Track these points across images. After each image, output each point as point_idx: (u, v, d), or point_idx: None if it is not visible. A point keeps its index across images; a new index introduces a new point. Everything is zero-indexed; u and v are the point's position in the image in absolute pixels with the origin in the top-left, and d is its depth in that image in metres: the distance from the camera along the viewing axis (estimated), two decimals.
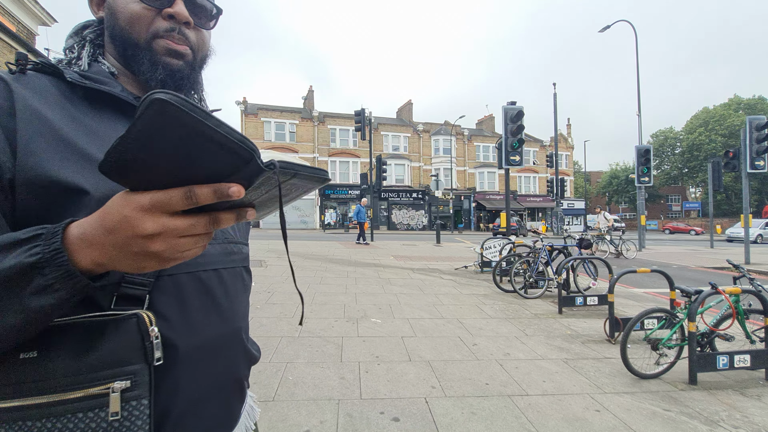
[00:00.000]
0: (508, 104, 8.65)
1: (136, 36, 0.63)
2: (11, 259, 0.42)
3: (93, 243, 0.42)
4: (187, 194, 0.39)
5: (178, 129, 0.34)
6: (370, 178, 17.76)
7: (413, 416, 2.45)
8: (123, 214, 0.40)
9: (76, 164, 0.53)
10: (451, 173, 33.27)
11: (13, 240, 0.43)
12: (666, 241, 23.31)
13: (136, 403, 0.49)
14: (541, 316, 4.96)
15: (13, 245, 0.43)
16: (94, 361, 0.48)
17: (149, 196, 0.39)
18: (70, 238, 0.43)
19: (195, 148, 0.36)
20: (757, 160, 10.15)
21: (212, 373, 0.62)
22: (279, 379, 2.89)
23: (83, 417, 0.46)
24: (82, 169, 0.53)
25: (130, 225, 0.39)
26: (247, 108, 30.67)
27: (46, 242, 0.42)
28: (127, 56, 0.64)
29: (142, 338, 0.51)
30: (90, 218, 0.43)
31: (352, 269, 8.26)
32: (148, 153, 0.35)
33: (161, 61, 0.63)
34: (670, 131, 50.10)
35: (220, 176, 0.39)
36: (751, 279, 3.40)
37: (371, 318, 4.61)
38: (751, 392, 2.94)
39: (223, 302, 0.65)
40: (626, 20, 17.13)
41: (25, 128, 0.51)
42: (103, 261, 0.43)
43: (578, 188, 46.61)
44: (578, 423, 2.43)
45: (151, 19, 0.62)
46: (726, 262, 4.86)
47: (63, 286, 0.42)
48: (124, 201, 0.40)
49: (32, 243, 0.43)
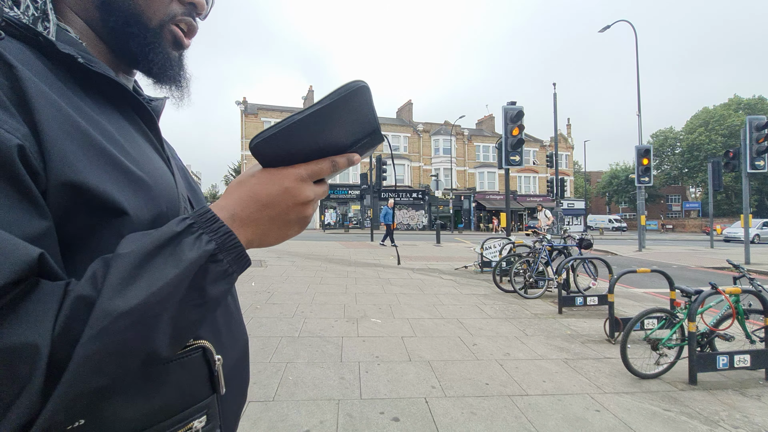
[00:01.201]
0: (508, 104, 8.65)
1: (151, 15, 0.51)
2: (191, 252, 0.39)
3: (247, 221, 0.44)
4: (332, 164, 0.46)
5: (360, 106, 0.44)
6: (370, 178, 17.75)
7: (413, 416, 2.45)
8: (284, 186, 0.44)
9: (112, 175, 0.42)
10: (451, 173, 33.29)
11: (171, 233, 0.40)
12: (666, 241, 23.31)
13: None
14: (541, 316, 4.96)
15: (174, 238, 0.39)
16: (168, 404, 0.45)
17: (304, 168, 0.45)
18: (225, 220, 0.43)
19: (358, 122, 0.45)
20: (757, 160, 10.16)
21: (241, 384, 0.61)
22: (279, 379, 2.89)
23: None
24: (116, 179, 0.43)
25: (292, 195, 0.44)
26: (247, 108, 30.68)
27: (209, 229, 0.41)
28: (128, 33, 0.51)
29: (209, 369, 0.49)
30: (232, 199, 0.44)
31: (352, 269, 8.26)
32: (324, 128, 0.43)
33: (164, 51, 0.54)
34: (670, 131, 50.10)
35: (348, 147, 0.47)
36: (751, 279, 3.40)
37: (371, 318, 4.61)
38: (751, 392, 2.94)
39: (235, 313, 0.62)
40: (626, 20, 17.13)
41: (50, 123, 0.39)
42: (255, 237, 0.45)
43: (578, 188, 46.64)
44: (578, 423, 2.43)
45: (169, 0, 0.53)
46: (726, 262, 4.86)
47: (236, 268, 0.43)
48: (281, 175, 0.44)
49: (195, 232, 0.40)
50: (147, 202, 0.44)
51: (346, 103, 0.42)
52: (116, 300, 0.35)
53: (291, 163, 0.45)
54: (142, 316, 0.36)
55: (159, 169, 0.50)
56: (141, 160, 0.47)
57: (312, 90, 35.02)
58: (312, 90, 35.02)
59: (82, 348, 0.33)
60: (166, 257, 0.38)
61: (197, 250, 0.39)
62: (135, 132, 0.51)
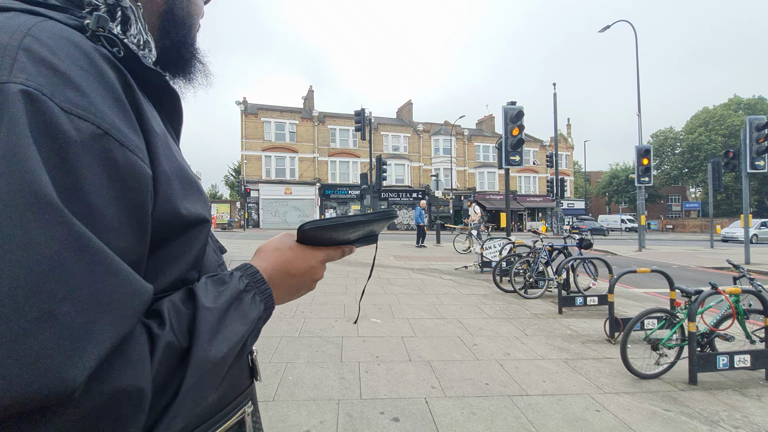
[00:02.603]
0: (508, 104, 8.65)
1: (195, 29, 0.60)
2: (254, 312, 0.47)
3: (277, 285, 0.52)
4: (342, 252, 0.59)
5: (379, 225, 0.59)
6: (370, 178, 17.75)
7: (413, 416, 2.45)
8: (311, 264, 0.55)
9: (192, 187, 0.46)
10: (451, 173, 33.29)
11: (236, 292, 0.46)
12: (666, 241, 23.32)
13: (255, 417, 0.58)
14: (541, 316, 4.96)
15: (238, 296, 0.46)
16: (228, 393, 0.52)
17: (325, 253, 0.57)
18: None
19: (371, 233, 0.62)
20: (757, 160, 10.15)
21: None
22: (279, 379, 2.89)
23: None
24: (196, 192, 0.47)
25: (314, 272, 0.56)
26: (247, 108, 30.67)
27: (259, 289, 0.49)
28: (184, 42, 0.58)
29: (250, 361, 0.60)
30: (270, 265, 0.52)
31: (352, 269, 8.26)
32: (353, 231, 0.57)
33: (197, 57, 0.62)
34: (670, 131, 50.07)
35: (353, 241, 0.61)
36: (751, 279, 3.40)
37: (371, 318, 4.61)
38: (751, 392, 2.94)
39: None
40: (626, 20, 17.13)
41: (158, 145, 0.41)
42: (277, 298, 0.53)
43: (578, 188, 46.63)
44: (578, 423, 2.43)
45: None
46: (726, 262, 4.86)
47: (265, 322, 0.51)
48: (310, 255, 0.55)
49: (250, 291, 0.48)
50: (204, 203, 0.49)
51: (381, 221, 0.57)
52: (210, 351, 0.40)
53: (317, 245, 0.57)
54: (224, 364, 0.42)
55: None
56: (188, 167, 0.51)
57: (312, 90, 35.00)
58: (312, 90, 35.00)
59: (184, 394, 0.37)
60: (237, 314, 0.45)
61: (256, 310, 0.48)
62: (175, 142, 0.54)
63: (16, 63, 0.32)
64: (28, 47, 0.33)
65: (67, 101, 0.33)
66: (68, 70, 0.34)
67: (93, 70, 0.36)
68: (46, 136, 0.31)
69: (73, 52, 0.35)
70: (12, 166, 0.29)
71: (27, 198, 0.29)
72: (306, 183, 30.97)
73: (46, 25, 0.36)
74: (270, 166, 30.61)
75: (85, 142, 0.33)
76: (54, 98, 0.32)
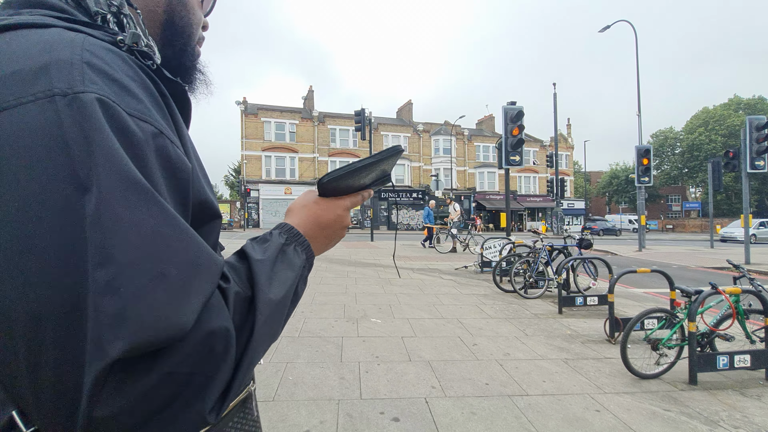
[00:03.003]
0: (508, 104, 8.65)
1: (195, 36, 0.65)
2: (299, 261, 0.53)
3: (311, 237, 0.57)
4: (363, 197, 0.64)
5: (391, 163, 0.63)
6: None
7: (413, 416, 2.45)
8: (337, 213, 0.60)
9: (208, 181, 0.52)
10: (451, 173, 33.29)
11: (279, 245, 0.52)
12: (666, 241, 23.32)
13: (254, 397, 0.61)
14: (541, 316, 4.96)
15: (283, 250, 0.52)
16: None
17: (348, 200, 0.61)
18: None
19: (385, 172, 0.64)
20: (757, 160, 10.16)
21: None
22: (279, 379, 2.89)
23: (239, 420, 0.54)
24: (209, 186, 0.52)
25: (342, 220, 0.61)
26: (247, 108, 30.67)
27: (299, 242, 0.55)
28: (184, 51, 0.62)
29: None
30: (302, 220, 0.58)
31: (352, 269, 8.26)
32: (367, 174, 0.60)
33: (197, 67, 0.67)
34: (670, 131, 50.07)
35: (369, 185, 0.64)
36: (751, 279, 3.40)
37: (371, 318, 4.61)
38: (751, 392, 2.94)
39: None
40: (626, 20, 17.13)
41: (186, 143, 0.47)
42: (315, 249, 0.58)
43: (578, 188, 46.62)
44: (578, 423, 2.43)
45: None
46: (726, 262, 4.86)
47: (309, 272, 0.56)
48: (335, 204, 0.60)
49: (292, 244, 0.54)
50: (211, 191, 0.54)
51: (390, 158, 0.60)
52: (270, 294, 0.46)
53: (339, 194, 0.61)
54: (284, 306, 0.49)
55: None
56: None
57: (312, 90, 35.01)
58: (312, 90, 35.01)
59: (258, 330, 0.43)
60: (284, 263, 0.50)
61: (299, 259, 0.53)
62: None
63: (85, 76, 0.37)
64: (89, 61, 0.38)
65: (129, 107, 0.38)
66: (124, 80, 0.40)
67: (139, 80, 0.42)
68: (120, 134, 0.37)
69: (122, 65, 0.41)
70: (109, 158, 0.35)
71: (126, 186, 0.35)
72: (306, 183, 30.97)
73: (92, 41, 0.41)
74: (270, 166, 30.62)
75: (147, 140, 0.39)
76: (120, 104, 0.38)
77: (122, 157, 0.35)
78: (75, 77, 0.36)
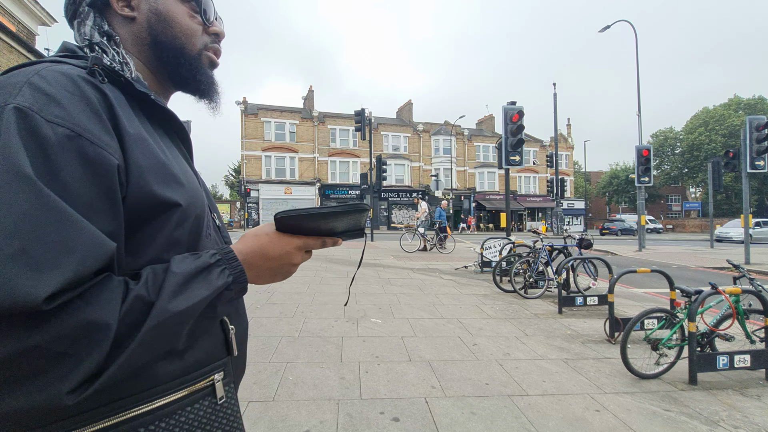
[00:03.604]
0: (508, 104, 8.65)
1: (191, 47, 0.69)
2: (217, 280, 0.55)
3: (252, 266, 0.60)
4: (322, 242, 0.64)
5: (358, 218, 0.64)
6: (370, 178, 17.75)
7: (413, 416, 2.45)
8: (286, 249, 0.61)
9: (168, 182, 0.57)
10: (451, 173, 33.28)
11: (206, 263, 0.55)
12: (666, 241, 23.31)
13: (228, 387, 0.62)
14: (541, 316, 4.96)
15: (208, 268, 0.55)
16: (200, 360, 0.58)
17: (303, 241, 0.62)
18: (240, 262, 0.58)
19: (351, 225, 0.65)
20: (757, 160, 10.15)
21: (243, 357, 0.74)
22: (279, 379, 2.89)
23: (198, 407, 0.57)
24: (173, 183, 0.57)
25: (289, 257, 0.62)
26: (247, 108, 30.66)
27: (230, 266, 0.57)
28: (179, 64, 0.69)
29: (225, 336, 0.64)
30: (247, 247, 0.60)
31: (352, 269, 8.26)
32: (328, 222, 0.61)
33: (206, 72, 0.72)
34: (670, 131, 50.04)
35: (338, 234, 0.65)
36: (751, 279, 3.40)
37: (371, 318, 4.61)
38: (751, 392, 2.94)
39: (242, 301, 0.77)
40: (626, 20, 17.13)
41: (132, 145, 0.53)
42: (253, 277, 0.61)
43: (578, 188, 46.61)
44: (578, 423, 2.43)
45: (200, 33, 0.71)
46: (726, 262, 4.86)
47: (237, 295, 0.58)
48: (286, 241, 0.61)
49: (220, 266, 0.56)
50: (185, 197, 0.59)
51: (351, 213, 0.61)
52: (169, 305, 0.49)
53: (296, 233, 0.62)
54: (182, 318, 0.50)
55: (192, 178, 0.65)
56: (181, 170, 0.62)
57: (312, 90, 34.99)
58: (312, 90, 34.99)
59: (143, 333, 0.47)
60: (201, 281, 0.53)
61: (221, 280, 0.55)
62: (175, 149, 0.67)
63: (20, 92, 0.46)
64: (32, 81, 0.48)
65: (50, 114, 0.46)
66: (56, 93, 0.48)
67: (78, 93, 0.50)
68: (30, 137, 0.44)
69: (65, 82, 0.50)
70: (3, 153, 0.42)
71: (11, 176, 0.42)
72: (306, 183, 30.97)
73: (57, 66, 0.52)
74: (270, 166, 30.60)
75: (60, 141, 0.45)
76: (41, 113, 0.46)
77: (16, 152, 0.42)
78: (12, 93, 0.46)
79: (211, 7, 0.73)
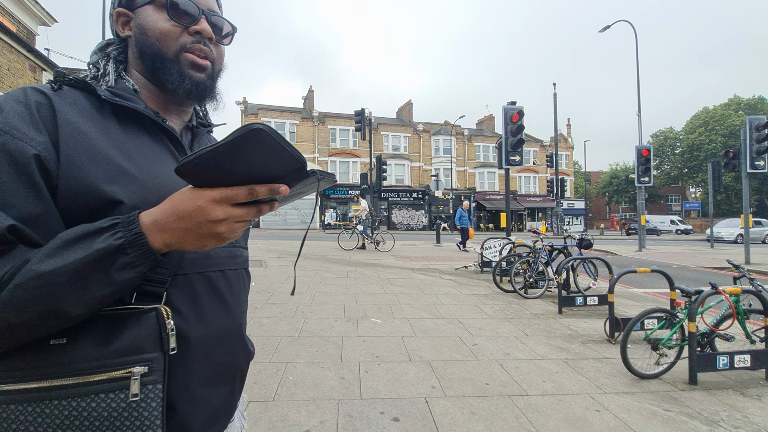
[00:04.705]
0: (508, 104, 8.65)
1: (166, 49, 0.70)
2: (100, 243, 0.51)
3: (165, 228, 0.53)
4: (249, 191, 0.52)
5: (262, 147, 0.47)
6: (370, 178, 17.74)
7: (413, 416, 2.45)
8: (197, 204, 0.52)
9: (112, 175, 0.59)
10: (451, 173, 33.28)
11: (96, 228, 0.52)
12: (666, 241, 23.31)
13: (152, 386, 0.56)
14: (541, 316, 4.96)
15: (98, 232, 0.52)
16: (117, 349, 0.55)
17: (219, 192, 0.52)
18: (144, 224, 0.54)
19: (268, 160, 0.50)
20: (757, 160, 10.15)
21: (218, 362, 0.69)
22: (279, 379, 2.89)
23: (105, 397, 0.53)
24: (117, 180, 0.59)
25: (204, 213, 0.52)
26: (247, 108, 30.66)
27: (126, 229, 0.53)
28: (155, 68, 0.70)
29: (159, 330, 0.58)
30: (159, 208, 0.54)
31: (352, 269, 8.26)
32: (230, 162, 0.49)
33: (187, 74, 0.71)
34: (670, 131, 50.02)
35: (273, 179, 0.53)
36: (751, 279, 3.40)
37: (371, 318, 4.61)
38: (751, 392, 2.94)
39: (229, 299, 0.72)
40: (626, 20, 17.13)
41: (67, 140, 0.57)
42: (172, 242, 0.54)
43: (578, 188, 46.61)
44: (578, 423, 2.43)
45: (178, 34, 0.70)
46: (726, 262, 4.86)
47: (142, 262, 0.53)
48: (197, 194, 0.52)
49: (113, 230, 0.53)
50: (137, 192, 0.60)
51: (242, 144, 0.46)
52: (37, 265, 0.49)
53: (213, 186, 0.52)
54: (48, 280, 0.49)
55: (158, 170, 0.65)
56: (142, 162, 0.63)
57: (312, 90, 34.98)
58: (312, 90, 34.98)
59: (7, 291, 0.48)
60: (82, 244, 0.51)
61: (104, 242, 0.51)
62: (153, 144, 0.68)
63: None
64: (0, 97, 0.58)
65: None
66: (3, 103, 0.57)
67: (23, 99, 0.58)
68: None
69: (18, 93, 0.59)
70: None
71: None
72: None
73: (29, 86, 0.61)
74: None
75: None
76: None
77: None
78: None
79: (192, 6, 0.71)
